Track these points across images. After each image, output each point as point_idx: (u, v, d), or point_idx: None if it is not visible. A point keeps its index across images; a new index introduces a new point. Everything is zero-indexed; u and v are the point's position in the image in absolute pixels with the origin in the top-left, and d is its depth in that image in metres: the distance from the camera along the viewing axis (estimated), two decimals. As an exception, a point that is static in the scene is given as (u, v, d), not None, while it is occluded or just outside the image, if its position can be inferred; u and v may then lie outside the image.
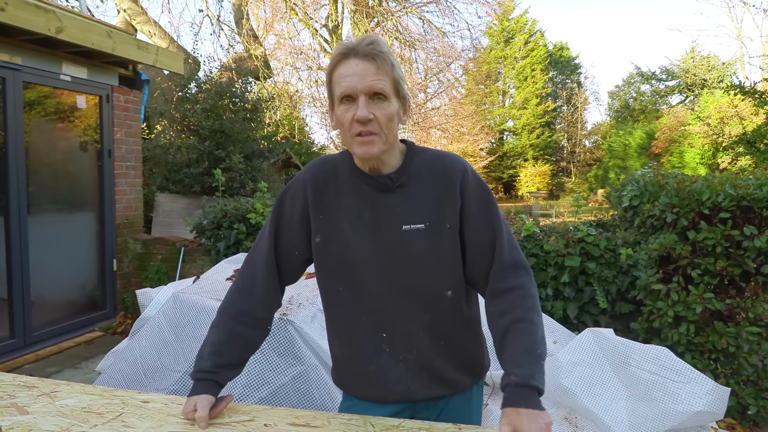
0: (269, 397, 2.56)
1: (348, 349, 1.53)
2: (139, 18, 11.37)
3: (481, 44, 23.03)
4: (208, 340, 1.50)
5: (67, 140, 5.24)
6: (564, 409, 2.82)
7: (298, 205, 1.50)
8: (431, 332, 1.46)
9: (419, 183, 1.45)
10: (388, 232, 1.43)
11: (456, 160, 1.49)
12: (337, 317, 1.53)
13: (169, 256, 5.76)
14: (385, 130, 1.37)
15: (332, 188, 1.48)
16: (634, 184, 4.20)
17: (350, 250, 1.45)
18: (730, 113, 13.94)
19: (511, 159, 31.27)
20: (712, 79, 27.50)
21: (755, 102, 7.03)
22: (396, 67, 1.39)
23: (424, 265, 1.43)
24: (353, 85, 1.34)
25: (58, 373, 4.36)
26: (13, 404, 1.42)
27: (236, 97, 8.51)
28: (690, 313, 3.34)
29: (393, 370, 1.47)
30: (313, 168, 1.53)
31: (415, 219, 1.43)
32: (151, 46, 5.90)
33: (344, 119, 1.37)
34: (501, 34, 31.69)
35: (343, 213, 1.46)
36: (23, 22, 4.30)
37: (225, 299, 1.55)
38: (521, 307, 1.40)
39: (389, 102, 1.37)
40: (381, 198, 1.44)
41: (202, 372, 1.45)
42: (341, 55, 1.37)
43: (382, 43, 1.38)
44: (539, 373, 1.30)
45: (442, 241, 1.43)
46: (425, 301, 1.45)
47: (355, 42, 1.37)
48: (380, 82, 1.35)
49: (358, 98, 1.35)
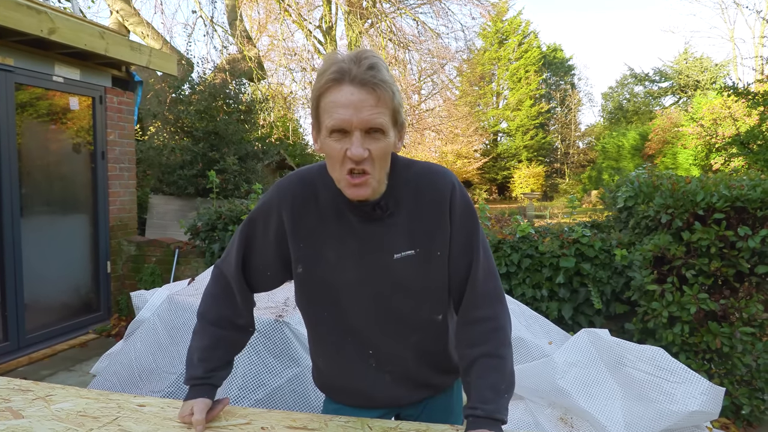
0: (265, 399, 2.55)
1: (333, 366, 1.51)
2: (131, 19, 11.33)
3: (475, 45, 23.12)
4: (195, 346, 1.47)
5: (60, 142, 5.21)
6: (560, 410, 2.82)
7: (273, 230, 1.40)
8: (417, 350, 1.45)
9: (408, 206, 1.36)
10: (376, 259, 1.35)
11: (445, 177, 1.38)
12: (322, 339, 1.49)
13: (164, 258, 5.73)
14: (378, 168, 1.25)
15: (313, 212, 1.37)
16: (628, 185, 4.22)
17: (335, 276, 1.37)
18: (723, 114, 14.00)
19: (505, 160, 31.31)
20: (705, 81, 27.62)
21: (748, 103, 7.06)
22: (396, 95, 1.24)
23: (414, 293, 1.39)
24: (348, 118, 1.18)
25: (52, 375, 4.33)
26: (8, 408, 1.41)
27: (230, 98, 8.49)
28: (684, 313, 3.36)
29: (378, 382, 1.47)
30: (289, 189, 1.39)
31: (405, 246, 1.35)
32: (145, 48, 5.87)
33: (334, 152, 1.23)
34: (495, 36, 31.74)
35: (326, 240, 1.36)
36: (15, 22, 4.28)
37: (202, 303, 1.51)
38: (492, 341, 1.36)
39: (386, 136, 1.23)
40: (368, 227, 1.35)
41: (195, 379, 1.44)
42: (333, 80, 1.19)
43: (383, 67, 1.21)
44: (504, 408, 1.31)
45: (432, 267, 1.38)
46: (413, 326, 1.42)
47: (349, 63, 1.19)
48: (379, 117, 1.20)
49: (353, 133, 1.20)
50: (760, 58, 16.71)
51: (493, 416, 1.28)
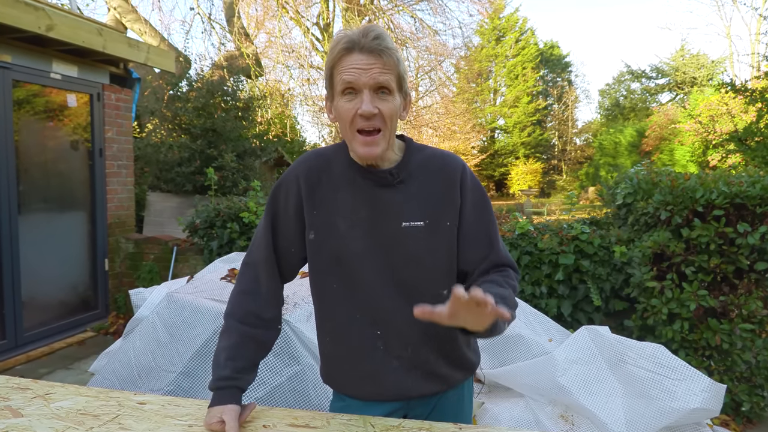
0: (265, 398, 2.55)
1: (341, 348, 1.50)
2: (129, 16, 11.27)
3: (472, 42, 23.12)
4: (222, 346, 1.45)
5: (57, 139, 5.19)
6: (560, 407, 2.82)
7: (292, 199, 1.45)
8: (425, 329, 1.43)
9: (420, 180, 1.42)
10: (386, 228, 1.40)
11: (456, 159, 1.47)
12: (330, 315, 1.49)
13: (162, 255, 5.72)
14: (389, 126, 1.34)
15: (326, 182, 1.44)
16: (627, 181, 4.21)
17: (345, 245, 1.41)
18: (720, 111, 14.01)
19: (503, 157, 31.31)
20: (701, 77, 27.63)
21: (746, 99, 7.07)
22: (401, 63, 1.35)
23: (422, 263, 1.41)
24: (357, 77, 1.30)
25: (50, 374, 4.32)
26: (7, 407, 1.40)
27: (228, 95, 8.46)
28: (684, 310, 3.36)
29: (387, 368, 1.45)
30: (306, 161, 1.48)
31: (415, 216, 1.40)
32: (142, 44, 5.85)
33: (346, 113, 1.33)
34: (492, 33, 31.72)
35: (338, 209, 1.42)
36: (13, 19, 4.26)
37: (230, 304, 1.51)
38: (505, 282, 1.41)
39: (393, 97, 1.34)
40: (380, 193, 1.41)
41: (222, 380, 1.40)
42: (344, 49, 1.32)
43: (387, 37, 1.33)
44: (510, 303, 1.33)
45: (441, 239, 1.42)
46: (420, 299, 1.42)
47: (358, 34, 1.31)
48: (385, 75, 1.31)
49: (362, 92, 1.31)
50: (756, 54, 16.72)
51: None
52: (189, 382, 2.71)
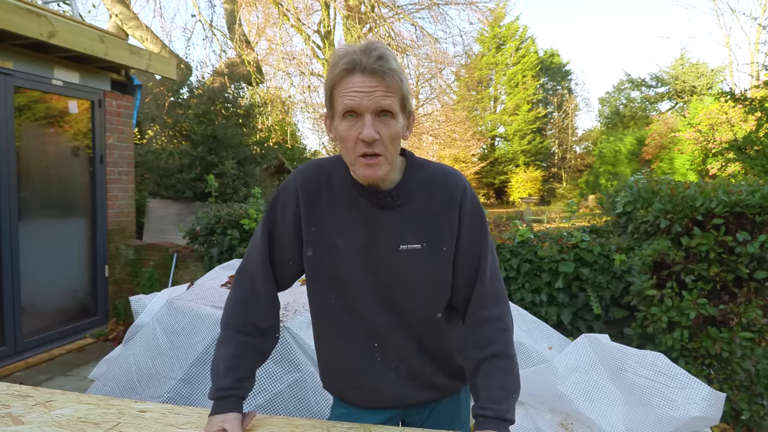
0: (265, 405, 2.54)
1: (339, 360, 1.51)
2: (131, 23, 11.31)
3: (472, 50, 23.17)
4: (221, 356, 1.44)
5: (58, 145, 5.20)
6: (560, 415, 2.82)
7: (291, 210, 1.43)
8: (421, 345, 1.46)
9: (419, 201, 1.40)
10: (383, 250, 1.38)
11: (458, 179, 1.43)
12: (328, 328, 1.50)
13: (162, 262, 5.72)
14: (390, 150, 1.30)
15: (325, 196, 1.41)
16: (627, 190, 4.22)
17: (342, 263, 1.40)
18: (720, 120, 14.04)
19: (503, 165, 31.35)
20: (701, 86, 27.71)
21: (745, 109, 7.08)
22: (404, 83, 1.30)
23: (417, 287, 1.40)
24: (359, 102, 1.25)
25: (49, 380, 4.31)
26: (7, 414, 1.40)
27: (228, 102, 8.50)
28: (684, 318, 3.35)
29: (385, 380, 1.46)
30: (306, 172, 1.45)
31: (413, 239, 1.38)
32: (144, 51, 5.87)
33: (347, 136, 1.29)
34: (492, 41, 31.81)
35: (336, 227, 1.40)
36: (15, 26, 4.27)
37: (226, 312, 1.50)
38: (501, 342, 1.39)
39: (396, 120, 1.30)
40: (379, 215, 1.38)
41: (223, 390, 1.39)
42: (345, 70, 1.26)
43: (391, 57, 1.28)
44: (512, 408, 1.34)
45: (437, 262, 1.40)
46: (414, 320, 1.43)
47: (360, 54, 1.26)
48: (388, 99, 1.26)
49: (364, 116, 1.26)
50: (756, 64, 16.78)
51: (502, 416, 1.30)
52: (189, 389, 2.71)
